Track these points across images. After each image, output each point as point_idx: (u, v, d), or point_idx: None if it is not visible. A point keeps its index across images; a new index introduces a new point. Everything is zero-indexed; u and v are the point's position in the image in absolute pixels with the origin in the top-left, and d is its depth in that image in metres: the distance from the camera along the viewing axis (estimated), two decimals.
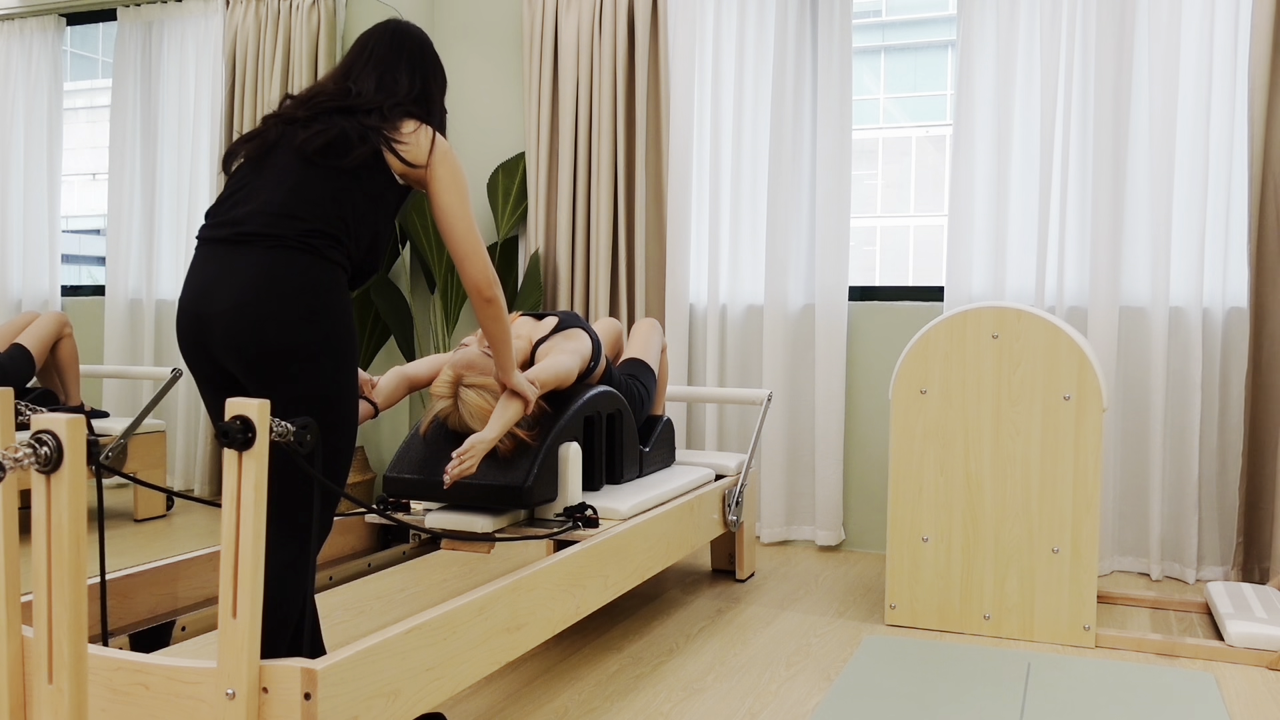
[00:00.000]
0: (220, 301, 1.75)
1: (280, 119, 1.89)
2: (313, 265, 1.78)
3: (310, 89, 1.95)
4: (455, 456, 2.23)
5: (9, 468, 1.31)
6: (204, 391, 1.86)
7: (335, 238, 1.82)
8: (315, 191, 1.81)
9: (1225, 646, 2.64)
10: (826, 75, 3.76)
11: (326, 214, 1.81)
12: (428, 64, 2.04)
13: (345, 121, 1.87)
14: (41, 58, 5.12)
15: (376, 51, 1.99)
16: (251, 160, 1.89)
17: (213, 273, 1.78)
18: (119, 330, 4.91)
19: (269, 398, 1.76)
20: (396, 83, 1.97)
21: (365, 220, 1.86)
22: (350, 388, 1.84)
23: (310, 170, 1.83)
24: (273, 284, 1.74)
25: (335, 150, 1.83)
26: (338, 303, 1.79)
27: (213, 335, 1.77)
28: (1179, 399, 3.43)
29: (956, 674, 2.49)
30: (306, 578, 1.82)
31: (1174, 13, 3.35)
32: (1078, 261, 3.55)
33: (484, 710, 2.26)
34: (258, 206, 1.80)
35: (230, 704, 1.42)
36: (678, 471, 3.10)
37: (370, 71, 1.97)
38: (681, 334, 3.92)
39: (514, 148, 4.31)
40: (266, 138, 1.89)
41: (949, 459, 2.84)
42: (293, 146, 1.85)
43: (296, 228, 1.78)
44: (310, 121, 1.87)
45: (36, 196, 5.14)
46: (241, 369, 1.77)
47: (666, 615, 2.98)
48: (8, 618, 1.49)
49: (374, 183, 1.88)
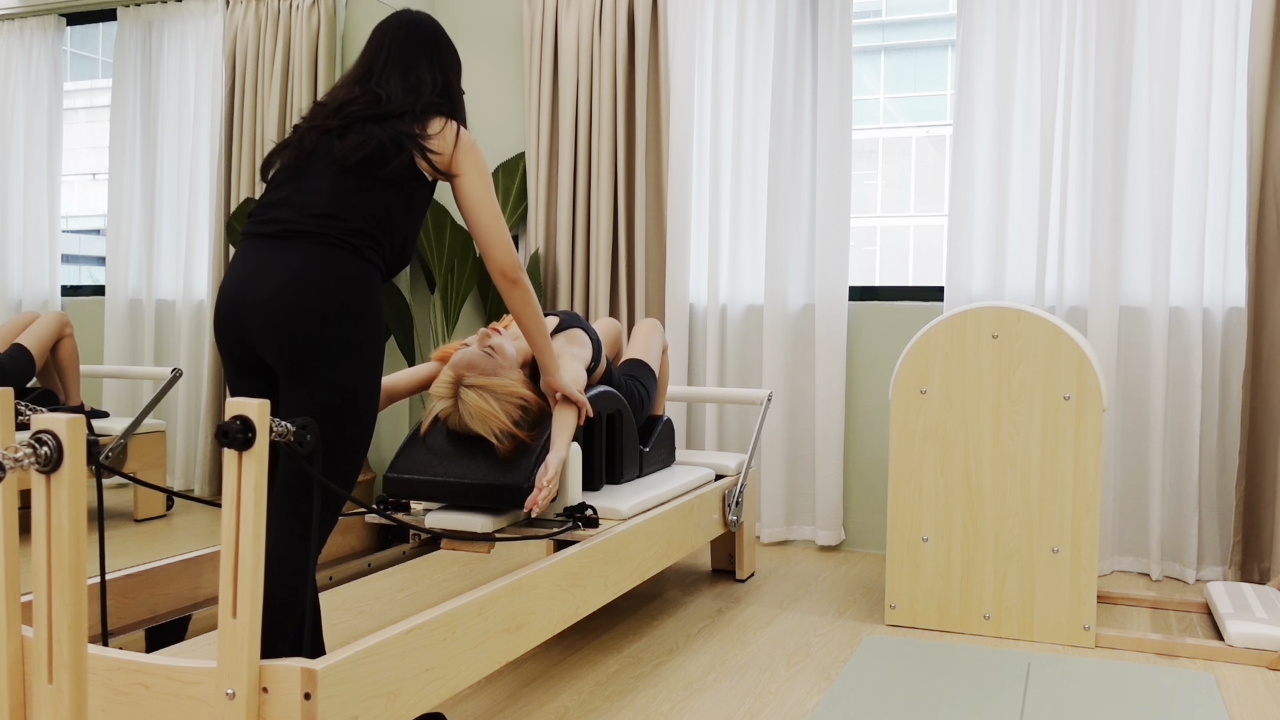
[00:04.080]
0: (262, 290, 1.83)
1: (315, 128, 1.96)
2: (352, 263, 1.86)
3: (338, 96, 2.00)
4: (540, 485, 2.26)
5: (9, 468, 1.31)
6: (232, 379, 1.94)
7: (374, 238, 1.90)
8: (354, 195, 1.89)
9: (1225, 646, 2.64)
10: (826, 75, 3.76)
11: (365, 215, 1.89)
12: (444, 54, 2.09)
13: (380, 131, 1.93)
14: (41, 58, 5.12)
15: (394, 48, 2.04)
16: (290, 168, 1.96)
17: (256, 263, 1.87)
18: (119, 330, 4.91)
19: (297, 385, 1.83)
20: (420, 80, 2.03)
21: (399, 221, 1.95)
22: (374, 383, 1.90)
23: (348, 177, 1.91)
24: (313, 277, 1.82)
25: (374, 162, 1.91)
26: (371, 300, 1.88)
27: (251, 322, 1.85)
28: (1179, 399, 3.43)
29: (956, 674, 2.49)
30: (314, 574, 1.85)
31: (1174, 13, 3.35)
32: (1078, 261, 3.55)
33: (484, 710, 2.26)
34: (301, 208, 1.88)
35: (230, 704, 1.42)
36: (678, 471, 3.10)
37: (392, 71, 2.03)
38: (681, 334, 3.92)
39: (514, 148, 4.31)
40: (304, 146, 1.96)
41: (949, 459, 2.84)
42: (331, 156, 1.92)
43: (339, 227, 1.86)
44: (345, 131, 1.94)
45: (36, 196, 5.14)
46: (274, 355, 1.84)
47: (666, 615, 2.98)
48: (8, 618, 1.49)
49: (408, 185, 1.96)
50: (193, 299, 4.75)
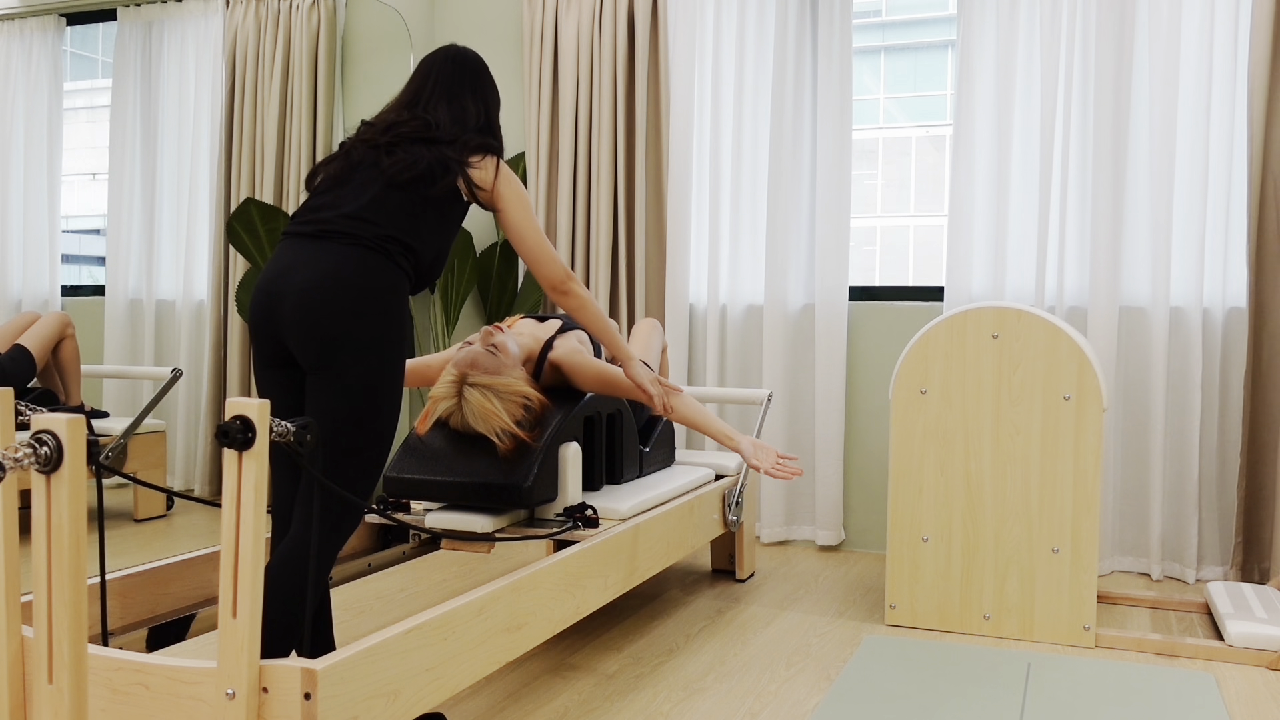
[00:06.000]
0: (294, 283, 1.90)
1: (363, 142, 2.06)
2: (383, 266, 1.93)
3: (386, 117, 2.11)
4: (784, 461, 2.55)
5: (9, 468, 1.31)
6: (259, 371, 2.01)
7: (409, 246, 1.98)
8: (394, 206, 1.98)
9: (1225, 646, 2.65)
10: (826, 75, 3.76)
11: (403, 226, 1.97)
12: (487, 89, 2.22)
13: (428, 153, 2.03)
14: (41, 58, 5.12)
15: (441, 79, 2.16)
16: (334, 178, 2.04)
17: (291, 258, 1.94)
18: (119, 330, 4.91)
19: (320, 380, 1.89)
20: (465, 111, 2.14)
21: (435, 235, 2.03)
22: (396, 381, 1.96)
23: (392, 190, 1.99)
24: (344, 276, 1.89)
25: (422, 181, 2.00)
26: (397, 305, 1.94)
27: (281, 314, 1.91)
28: (1179, 399, 3.43)
29: (956, 674, 2.49)
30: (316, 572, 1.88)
31: (1174, 13, 3.35)
32: (1078, 261, 3.55)
33: (484, 710, 2.26)
34: (341, 212, 1.96)
35: (230, 704, 1.42)
36: (678, 471, 3.10)
37: (439, 100, 2.14)
38: (681, 334, 3.92)
39: (514, 147, 4.31)
40: (350, 159, 2.05)
41: (949, 459, 2.84)
42: (378, 168, 2.01)
43: (375, 231, 1.94)
44: (393, 148, 2.03)
45: (36, 196, 5.14)
46: (300, 348, 1.89)
47: (666, 615, 2.98)
48: (8, 618, 1.49)
49: (446, 204, 2.05)
50: (193, 299, 4.75)
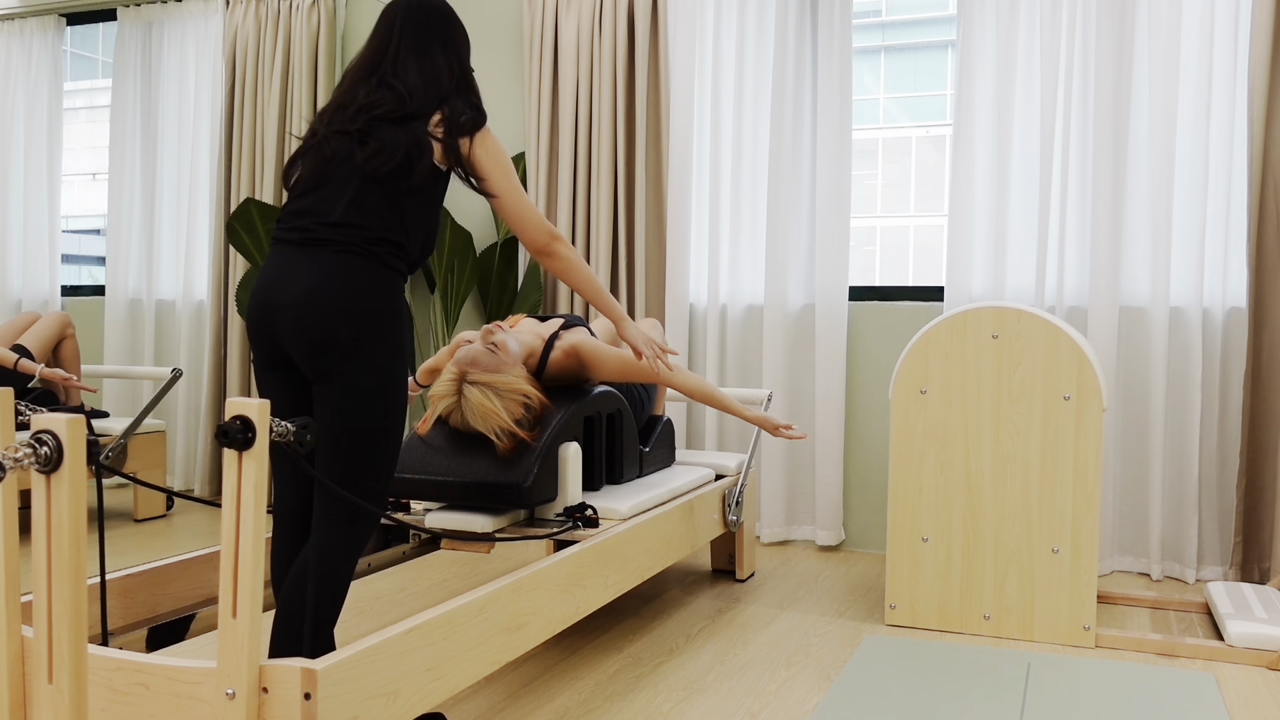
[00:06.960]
0: (286, 295, 1.89)
1: (335, 133, 1.95)
2: (373, 270, 1.90)
3: (356, 95, 1.98)
4: (787, 428, 2.77)
5: (9, 468, 1.31)
6: (259, 373, 2.00)
7: (398, 244, 1.94)
8: (375, 202, 1.92)
9: (1225, 646, 2.64)
10: (826, 75, 3.76)
11: (389, 223, 1.93)
12: (457, 37, 2.07)
13: (403, 136, 1.92)
14: (41, 58, 5.12)
15: (406, 34, 2.02)
16: (310, 178, 1.96)
17: (283, 266, 1.92)
18: (119, 330, 4.91)
19: (323, 387, 1.89)
20: (437, 69, 2.01)
21: (421, 221, 1.99)
22: (400, 379, 1.95)
23: (370, 185, 1.92)
24: (335, 286, 1.87)
25: (401, 172, 1.92)
26: (394, 305, 1.92)
27: (279, 325, 1.91)
28: (1179, 399, 3.43)
29: (956, 674, 2.49)
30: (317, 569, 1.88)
31: (1174, 13, 3.35)
32: (1078, 261, 3.55)
33: (484, 710, 2.26)
34: (324, 220, 1.91)
35: (230, 704, 1.42)
36: (678, 471, 3.10)
37: (408, 59, 2.00)
38: (681, 334, 3.92)
39: (514, 147, 4.31)
40: (323, 152, 1.95)
41: (949, 459, 2.84)
42: (352, 163, 1.92)
43: (362, 235, 1.90)
44: (365, 137, 1.93)
45: (36, 196, 5.14)
46: (302, 356, 1.90)
47: (666, 615, 2.98)
48: (8, 618, 1.49)
49: (428, 186, 1.98)
50: (193, 299, 4.75)
